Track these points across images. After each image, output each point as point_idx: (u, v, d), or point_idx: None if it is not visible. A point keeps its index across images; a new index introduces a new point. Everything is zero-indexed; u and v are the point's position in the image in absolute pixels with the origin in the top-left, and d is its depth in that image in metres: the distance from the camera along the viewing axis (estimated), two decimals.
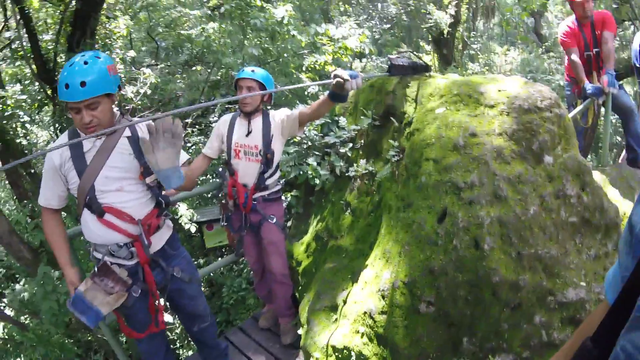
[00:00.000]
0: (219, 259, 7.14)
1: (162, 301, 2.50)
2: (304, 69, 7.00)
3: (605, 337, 0.59)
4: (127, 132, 2.26)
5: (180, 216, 5.53)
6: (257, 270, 3.53)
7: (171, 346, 4.38)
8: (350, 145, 3.47)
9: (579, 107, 4.41)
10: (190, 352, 6.46)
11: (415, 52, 3.40)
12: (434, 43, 10.04)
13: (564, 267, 2.00)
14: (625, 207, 3.33)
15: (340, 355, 2.45)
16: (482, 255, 1.98)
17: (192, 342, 6.63)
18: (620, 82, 4.71)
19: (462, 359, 2.04)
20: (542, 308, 1.96)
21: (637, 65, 3.11)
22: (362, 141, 3.43)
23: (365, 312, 2.29)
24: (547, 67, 8.81)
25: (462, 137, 2.35)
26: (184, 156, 2.40)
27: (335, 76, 2.56)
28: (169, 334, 5.88)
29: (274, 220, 3.19)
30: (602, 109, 4.76)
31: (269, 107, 3.22)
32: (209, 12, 7.37)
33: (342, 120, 3.71)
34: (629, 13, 5.92)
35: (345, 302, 2.63)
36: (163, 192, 2.43)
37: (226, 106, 7.69)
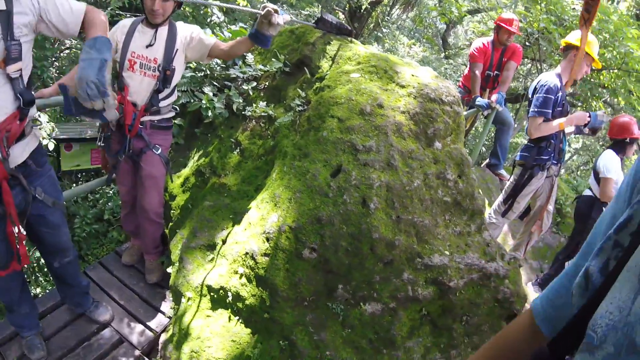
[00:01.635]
0: (73, 185, 6.39)
1: (21, 229, 2.07)
2: None
3: (557, 352, 0.72)
4: (2, 5, 1.78)
5: (40, 128, 4.78)
6: (127, 201, 3.21)
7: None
8: (254, 84, 3.35)
9: (465, 113, 4.90)
10: (38, 290, 5.78)
11: (345, 16, 3.38)
12: (349, 14, 10.13)
13: (433, 236, 2.24)
14: None
15: (215, 295, 2.40)
16: (367, 213, 2.10)
17: (40, 278, 5.93)
18: (506, 104, 5.36)
19: (336, 304, 2.17)
20: (410, 267, 2.17)
21: (529, 97, 3.62)
22: (267, 83, 3.33)
23: (247, 253, 2.28)
24: (443, 72, 9.54)
25: (370, 104, 2.43)
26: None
27: (265, 7, 2.45)
28: None
29: (159, 150, 2.90)
30: (479, 123, 5.37)
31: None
32: None
33: (250, 57, 3.55)
34: (534, 53, 6.68)
35: (224, 241, 2.58)
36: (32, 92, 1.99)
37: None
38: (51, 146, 4.85)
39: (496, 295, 2.31)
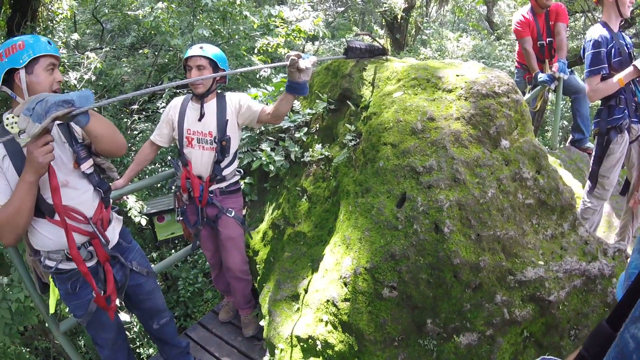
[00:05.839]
0: (172, 251, 6.89)
1: (117, 301, 2.39)
2: (255, 51, 6.80)
3: (618, 321, 0.68)
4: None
5: (130, 209, 5.23)
6: (214, 264, 3.40)
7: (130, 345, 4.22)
8: (305, 129, 3.37)
9: (530, 94, 4.52)
10: (150, 350, 6.24)
11: (372, 36, 3.31)
12: (387, 27, 10.02)
13: (522, 247, 2.02)
14: (575, 188, 3.45)
15: (305, 345, 2.39)
16: (442, 239, 1.96)
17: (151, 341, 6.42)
18: (571, 69, 4.87)
19: (427, 339, 2.04)
20: (502, 287, 1.97)
21: (583, 59, 3.26)
22: (317, 126, 3.33)
23: (327, 300, 2.24)
24: (499, 54, 9.04)
25: (420, 121, 2.31)
26: None
27: (289, 57, 2.45)
28: (127, 333, 5.62)
29: (232, 213, 3.04)
30: (552, 95, 4.91)
31: (219, 91, 3.02)
32: None
33: (297, 104, 3.60)
34: (581, 5, 6.14)
35: (306, 290, 2.57)
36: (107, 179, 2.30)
37: (174, 90, 7.35)
38: (143, 222, 5.26)
39: (605, 298, 2.00)
